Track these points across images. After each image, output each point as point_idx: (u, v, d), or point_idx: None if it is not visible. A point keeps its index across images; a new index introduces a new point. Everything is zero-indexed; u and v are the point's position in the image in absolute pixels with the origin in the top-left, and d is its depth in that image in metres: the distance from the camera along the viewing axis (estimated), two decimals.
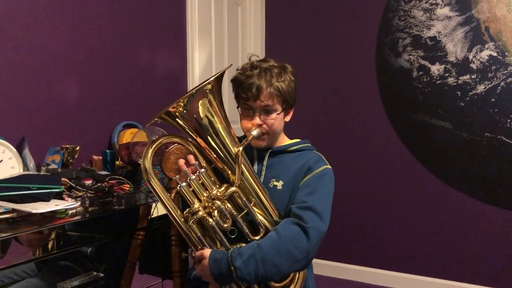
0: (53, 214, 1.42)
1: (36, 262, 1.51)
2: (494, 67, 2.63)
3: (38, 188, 1.46)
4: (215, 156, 1.30)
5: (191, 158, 1.31)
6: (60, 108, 2.08)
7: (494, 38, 2.62)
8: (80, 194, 1.60)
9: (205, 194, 1.27)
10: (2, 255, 1.23)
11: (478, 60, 2.67)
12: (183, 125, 1.27)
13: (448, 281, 2.82)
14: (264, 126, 1.36)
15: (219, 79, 1.27)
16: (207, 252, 1.26)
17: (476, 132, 2.70)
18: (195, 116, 1.26)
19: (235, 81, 1.38)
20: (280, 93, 1.34)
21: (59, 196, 1.54)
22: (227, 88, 1.59)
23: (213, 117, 1.28)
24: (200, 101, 1.25)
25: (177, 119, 1.26)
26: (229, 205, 1.28)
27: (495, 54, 2.62)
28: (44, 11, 1.99)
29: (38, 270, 1.55)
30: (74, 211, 1.49)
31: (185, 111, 1.25)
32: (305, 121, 3.10)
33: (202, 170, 1.28)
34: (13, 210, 1.37)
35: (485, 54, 2.65)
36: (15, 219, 1.35)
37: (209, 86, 1.25)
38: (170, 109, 1.24)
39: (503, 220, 2.67)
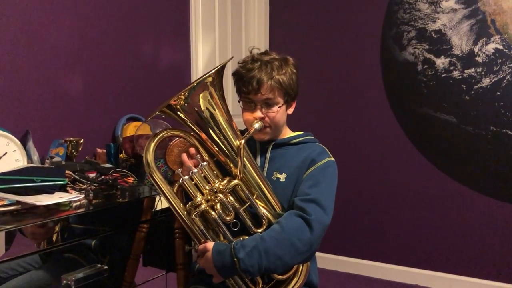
0: (57, 207, 1.43)
1: (40, 254, 1.52)
2: (500, 60, 2.60)
3: (42, 181, 1.47)
4: (217, 149, 1.30)
5: (192, 150, 1.31)
6: (64, 101, 2.08)
7: (500, 31, 2.60)
8: (84, 186, 1.61)
9: (207, 187, 1.27)
10: (7, 247, 1.24)
11: (484, 53, 2.64)
12: (185, 118, 1.27)
13: (452, 275, 2.82)
14: (266, 119, 1.35)
15: (220, 71, 1.27)
16: (210, 245, 1.26)
17: (481, 126, 2.68)
18: (196, 109, 1.26)
19: (236, 75, 1.38)
20: (281, 86, 1.33)
21: (63, 189, 1.55)
22: (229, 81, 1.58)
23: (214, 110, 1.27)
24: (201, 94, 1.25)
25: (178, 113, 1.26)
26: (231, 198, 1.28)
27: (501, 47, 2.60)
28: (48, 4, 1.99)
29: (43, 262, 1.55)
30: (78, 203, 1.49)
31: (186, 104, 1.24)
32: (309, 114, 3.09)
33: (204, 163, 1.28)
34: (18, 202, 1.38)
35: (490, 47, 2.62)
36: (19, 211, 1.36)
37: (210, 79, 1.25)
38: (171, 103, 1.23)
39: (508, 214, 2.66)
